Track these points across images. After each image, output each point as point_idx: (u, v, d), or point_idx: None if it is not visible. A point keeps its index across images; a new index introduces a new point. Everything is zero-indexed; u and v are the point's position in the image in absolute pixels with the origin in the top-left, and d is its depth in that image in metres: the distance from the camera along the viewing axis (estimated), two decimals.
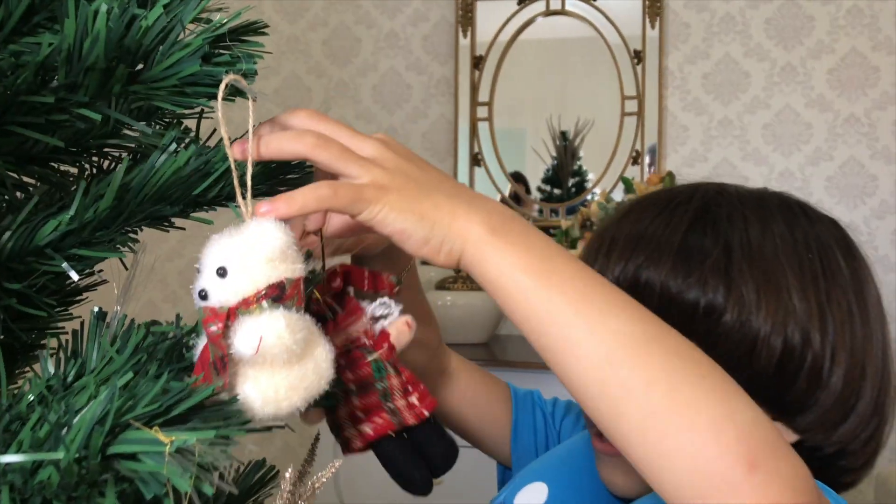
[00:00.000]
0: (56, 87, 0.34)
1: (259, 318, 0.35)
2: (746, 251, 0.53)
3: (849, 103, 2.02)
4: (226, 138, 0.37)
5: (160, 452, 0.27)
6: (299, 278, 0.37)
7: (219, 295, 0.35)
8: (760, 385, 0.52)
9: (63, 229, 0.36)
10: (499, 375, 1.80)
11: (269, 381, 0.35)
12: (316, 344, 0.37)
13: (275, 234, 0.36)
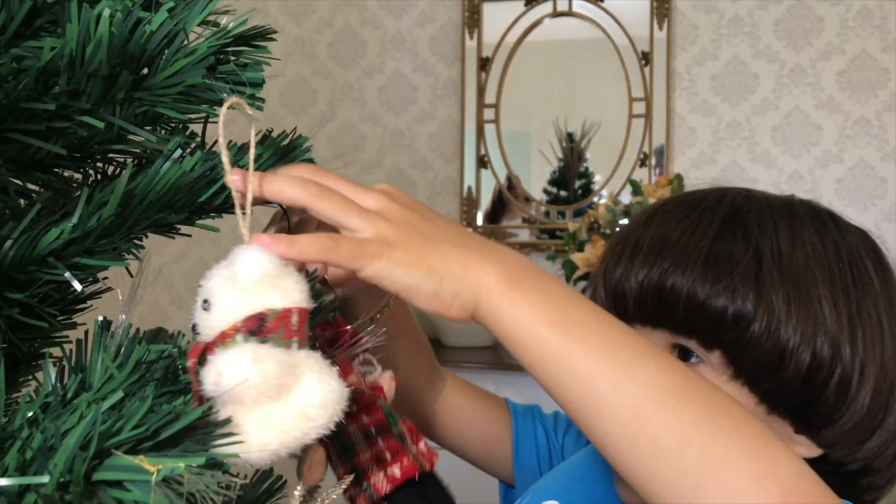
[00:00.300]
0: (58, 94, 0.33)
1: (224, 354, 0.33)
2: (777, 259, 0.52)
3: (859, 105, 2.00)
4: (226, 161, 0.36)
5: (147, 481, 0.26)
6: (287, 310, 0.34)
7: (204, 329, 0.34)
8: (787, 396, 0.51)
9: (66, 237, 0.36)
10: (505, 379, 1.79)
11: (241, 422, 0.33)
12: (307, 382, 0.34)
13: (256, 263, 0.33)
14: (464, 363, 1.82)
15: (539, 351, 0.39)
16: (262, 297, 0.33)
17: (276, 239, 0.36)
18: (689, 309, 0.52)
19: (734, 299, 0.51)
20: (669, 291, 0.52)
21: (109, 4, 0.31)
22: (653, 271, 0.53)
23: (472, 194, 2.24)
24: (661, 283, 0.53)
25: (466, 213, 2.24)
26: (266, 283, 0.33)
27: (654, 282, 0.53)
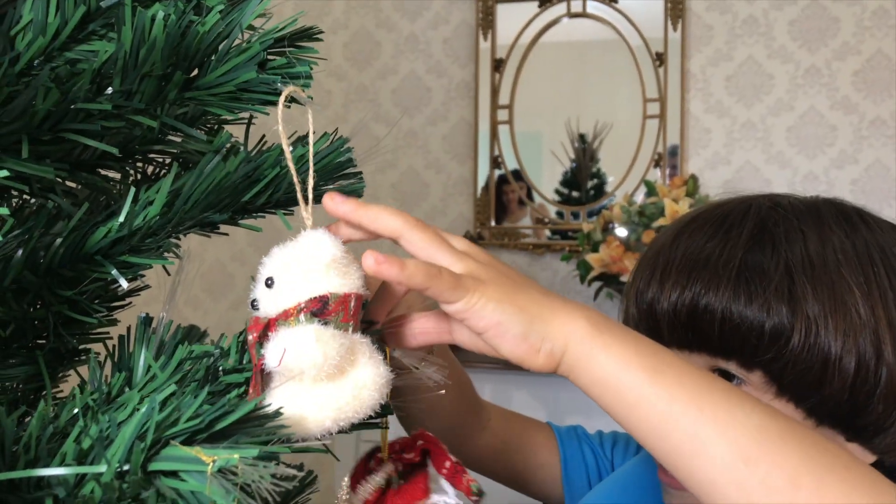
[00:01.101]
0: (112, 94, 0.34)
1: (290, 331, 0.34)
2: (808, 269, 0.51)
3: (874, 105, 2.00)
4: (286, 145, 0.37)
5: (202, 471, 0.27)
6: (347, 294, 0.36)
7: (266, 305, 0.35)
8: (834, 408, 0.51)
9: (113, 236, 0.36)
10: (517, 379, 1.80)
11: (297, 398, 0.34)
12: (361, 365, 0.36)
13: (324, 248, 0.35)
14: (478, 363, 1.82)
15: (632, 397, 0.39)
16: (327, 281, 0.34)
17: (389, 260, 0.36)
18: (725, 329, 0.51)
19: (770, 315, 0.50)
20: (703, 312, 0.52)
21: (163, 7, 0.32)
22: (685, 294, 0.53)
23: (486, 195, 2.24)
24: (695, 305, 0.52)
25: (480, 214, 2.24)
26: (334, 268, 0.35)
27: (686, 304, 0.53)
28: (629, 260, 1.79)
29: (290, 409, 0.34)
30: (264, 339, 0.35)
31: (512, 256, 2.25)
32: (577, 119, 2.17)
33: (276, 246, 0.36)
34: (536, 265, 2.24)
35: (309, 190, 0.37)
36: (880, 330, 0.51)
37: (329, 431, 0.36)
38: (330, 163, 0.40)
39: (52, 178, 0.41)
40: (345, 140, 0.42)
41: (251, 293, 0.36)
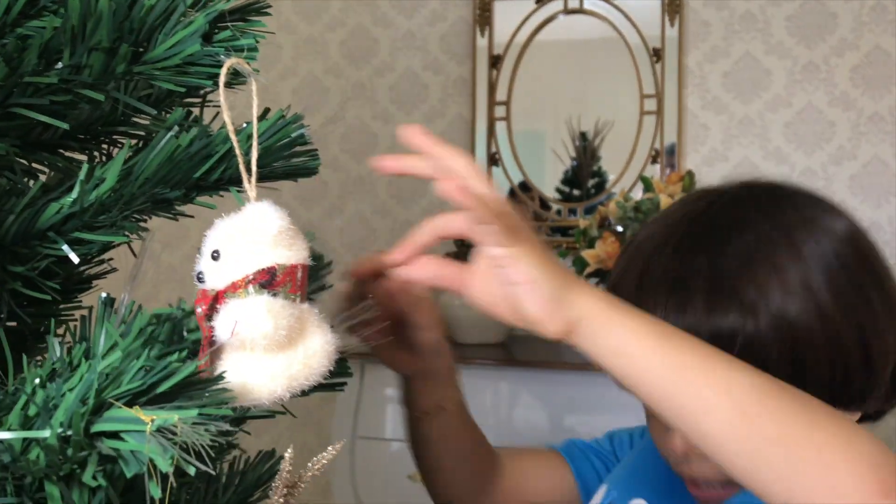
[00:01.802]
0: (61, 69, 0.34)
1: (240, 302, 0.35)
2: (743, 265, 0.54)
3: (872, 101, 1.99)
4: (227, 118, 0.37)
5: (142, 431, 0.27)
6: (294, 265, 0.36)
7: (212, 278, 0.35)
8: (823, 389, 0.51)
9: (66, 212, 0.36)
10: (515, 375, 1.79)
11: (249, 367, 0.35)
12: (309, 334, 0.37)
13: (270, 220, 0.36)
14: (476, 359, 1.82)
15: (646, 364, 0.42)
16: (274, 252, 0.35)
17: (465, 189, 0.40)
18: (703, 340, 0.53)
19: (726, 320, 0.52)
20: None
21: None
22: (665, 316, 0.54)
23: None
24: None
25: None
26: (280, 240, 0.35)
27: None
28: None
29: (243, 377, 0.35)
30: (213, 312, 0.35)
31: None
32: (577, 117, 2.17)
33: (218, 219, 0.36)
34: None
35: (252, 163, 0.37)
36: (828, 303, 0.53)
37: (282, 398, 0.36)
38: (281, 138, 0.40)
39: (10, 158, 0.41)
40: (299, 117, 0.41)
41: (195, 266, 0.36)
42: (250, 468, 0.56)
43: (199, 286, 0.36)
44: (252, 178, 0.37)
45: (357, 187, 2.34)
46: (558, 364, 1.78)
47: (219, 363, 0.36)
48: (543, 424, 1.78)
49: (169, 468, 0.27)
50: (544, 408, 1.79)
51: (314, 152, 0.44)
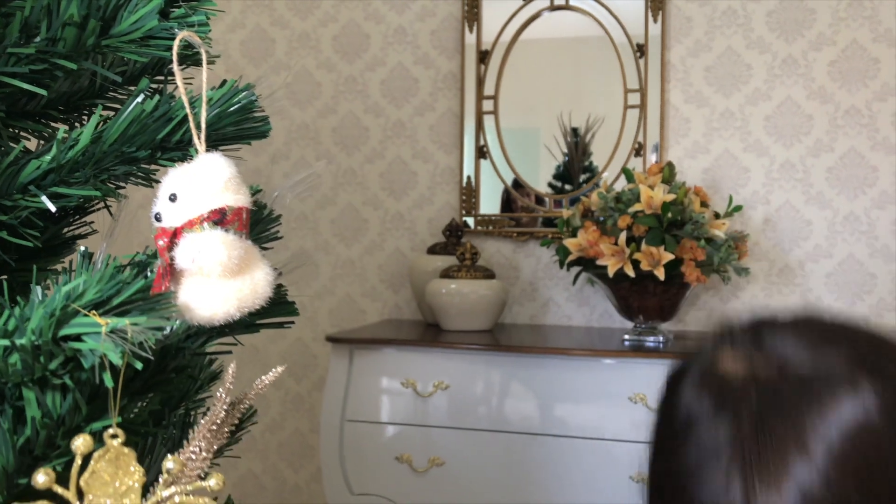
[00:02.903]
0: (39, 42, 0.39)
1: (198, 236, 0.40)
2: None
3: (849, 95, 2.04)
4: (181, 88, 0.42)
5: (98, 333, 0.33)
6: (241, 208, 0.42)
7: (169, 217, 0.41)
8: None
9: (45, 167, 0.42)
10: (502, 360, 1.85)
11: (205, 290, 0.41)
12: (256, 267, 0.42)
13: (220, 168, 0.41)
14: (462, 344, 1.88)
15: None
16: (224, 196, 0.41)
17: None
18: None
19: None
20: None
21: None
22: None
23: (472, 184, 2.29)
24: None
25: (466, 203, 2.29)
26: (230, 186, 0.41)
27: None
28: (604, 244, 1.84)
29: (200, 299, 0.40)
30: (172, 245, 0.41)
31: (497, 244, 2.30)
32: (568, 113, 2.22)
33: (170, 169, 0.42)
34: (521, 252, 2.29)
35: (202, 122, 0.42)
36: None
37: (232, 317, 0.42)
38: (232, 103, 0.45)
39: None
40: (249, 86, 0.47)
41: (153, 208, 0.42)
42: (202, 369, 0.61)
43: (156, 225, 0.42)
44: (202, 135, 0.42)
45: (348, 179, 2.39)
46: (542, 349, 1.83)
47: (179, 288, 0.42)
48: (529, 405, 1.83)
49: (119, 362, 0.32)
50: (527, 388, 1.84)
51: (265, 118, 0.49)
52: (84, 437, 0.35)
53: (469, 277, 2.03)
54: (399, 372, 1.89)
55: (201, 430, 0.44)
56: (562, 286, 2.24)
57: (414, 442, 1.88)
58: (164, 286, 0.41)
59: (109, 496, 0.36)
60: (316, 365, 2.42)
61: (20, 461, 0.35)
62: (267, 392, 2.55)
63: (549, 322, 2.26)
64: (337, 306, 2.42)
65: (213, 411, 0.44)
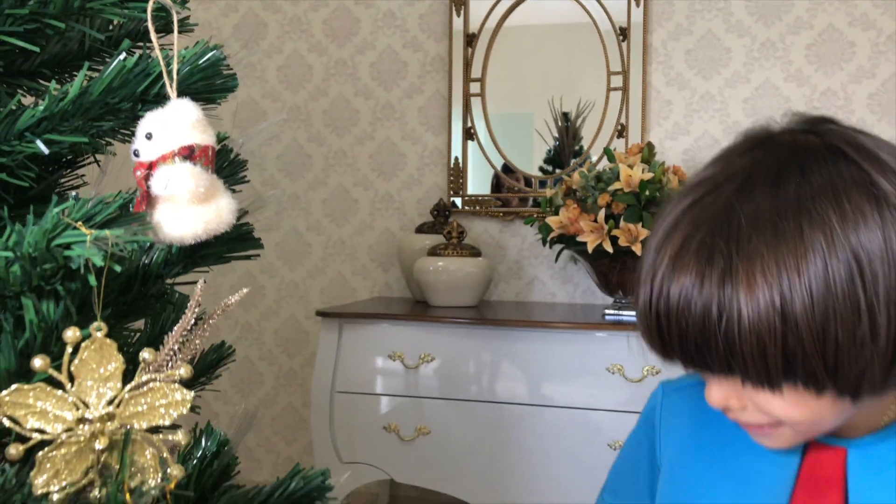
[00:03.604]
0: (32, 3, 0.45)
1: (170, 167, 0.47)
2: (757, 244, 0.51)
3: (826, 77, 2.09)
4: (156, 44, 0.48)
5: (84, 241, 0.39)
6: (207, 146, 0.49)
7: (146, 152, 0.47)
8: (822, 379, 0.51)
9: (39, 116, 0.48)
10: (487, 333, 1.91)
11: (176, 213, 0.47)
12: (220, 197, 0.49)
13: (189, 111, 0.48)
14: (449, 319, 1.94)
15: None
16: (192, 135, 0.47)
17: None
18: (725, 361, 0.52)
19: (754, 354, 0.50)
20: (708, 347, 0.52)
21: None
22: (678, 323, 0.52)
23: (459, 165, 2.35)
24: (694, 341, 0.52)
25: (453, 183, 2.35)
26: (198, 126, 0.47)
27: (688, 338, 0.53)
28: (584, 221, 1.90)
29: (171, 220, 0.47)
30: (149, 176, 0.47)
31: (484, 223, 2.36)
32: (559, 98, 2.27)
33: (149, 112, 0.48)
34: (507, 231, 2.35)
35: (174, 73, 0.49)
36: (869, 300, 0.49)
37: (199, 238, 0.49)
38: (202, 60, 0.51)
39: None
40: (218, 46, 0.53)
41: (132, 145, 0.48)
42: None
43: (135, 159, 0.49)
44: (174, 85, 0.48)
45: (339, 160, 2.45)
46: (526, 322, 1.90)
47: (154, 211, 0.48)
48: (512, 376, 1.89)
49: (102, 263, 0.39)
50: (510, 360, 1.91)
51: (233, 75, 0.55)
52: (74, 329, 0.42)
53: (455, 255, 2.09)
54: (387, 345, 1.96)
55: (174, 335, 0.50)
56: (546, 264, 2.31)
57: (401, 412, 1.95)
58: (141, 209, 0.47)
59: (95, 380, 0.43)
60: (308, 341, 2.49)
61: (20, 363, 0.42)
62: (261, 368, 2.61)
63: (533, 299, 2.32)
64: (328, 285, 2.48)
65: (184, 319, 0.50)
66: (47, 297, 0.43)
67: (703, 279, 0.52)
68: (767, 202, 0.53)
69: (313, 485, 0.54)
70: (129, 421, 0.44)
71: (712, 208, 0.55)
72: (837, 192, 0.53)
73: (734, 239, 0.52)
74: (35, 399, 0.41)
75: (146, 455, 0.45)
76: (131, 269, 0.53)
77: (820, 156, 0.55)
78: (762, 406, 0.55)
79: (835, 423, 0.57)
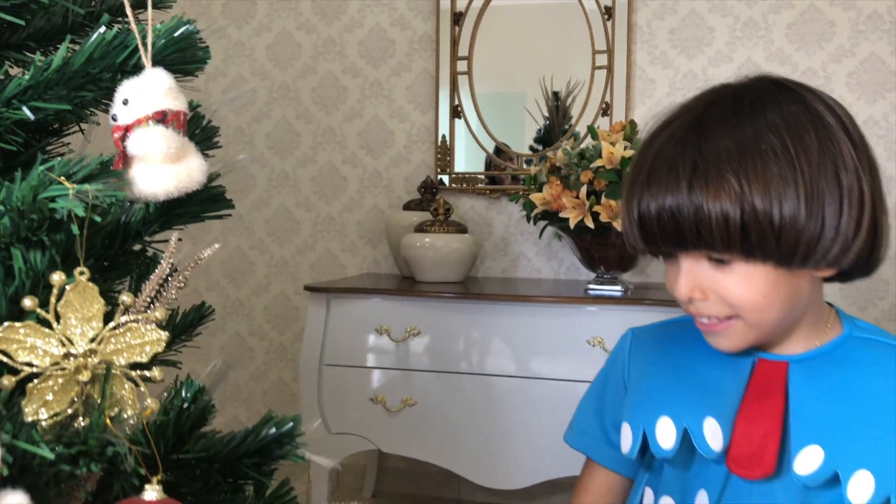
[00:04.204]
0: None
1: (145, 130, 0.51)
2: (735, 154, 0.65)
3: (807, 57, 2.13)
4: (131, 17, 0.52)
5: (67, 194, 0.43)
6: (178, 111, 0.53)
7: (123, 116, 0.51)
8: (790, 257, 0.64)
9: (24, 85, 0.51)
10: (473, 308, 1.95)
11: (150, 172, 0.51)
12: (192, 157, 0.53)
13: (162, 80, 0.51)
14: (433, 293, 1.98)
15: None
16: (165, 101, 0.51)
17: None
18: (697, 229, 0.65)
19: (719, 204, 0.63)
20: (680, 222, 0.65)
21: None
22: (657, 204, 0.65)
23: (447, 143, 2.38)
24: (671, 215, 0.65)
25: (441, 161, 2.38)
26: (170, 93, 0.51)
27: (665, 213, 0.65)
28: (567, 197, 1.94)
29: (146, 178, 0.51)
30: (125, 138, 0.51)
31: (471, 201, 2.39)
32: (550, 77, 2.29)
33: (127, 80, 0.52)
34: (493, 209, 2.39)
35: (148, 43, 0.52)
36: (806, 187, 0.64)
37: (171, 195, 0.53)
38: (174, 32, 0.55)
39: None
40: (191, 20, 0.56)
41: (111, 110, 0.52)
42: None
43: (113, 123, 0.52)
44: (149, 53, 0.52)
45: (328, 138, 2.48)
46: (510, 297, 1.94)
47: (131, 170, 0.52)
48: (496, 349, 1.94)
49: (82, 213, 0.43)
50: (494, 334, 1.95)
51: (206, 48, 0.58)
52: (59, 274, 0.46)
53: (442, 231, 2.13)
54: (374, 320, 2.00)
55: (150, 282, 0.54)
56: (532, 241, 2.35)
57: (388, 384, 2.00)
58: (119, 168, 0.51)
59: (79, 320, 0.47)
60: (297, 317, 2.53)
61: (10, 308, 0.46)
62: (251, 343, 2.64)
63: (519, 275, 2.37)
64: (317, 261, 2.52)
65: (160, 268, 0.54)
66: (34, 247, 0.47)
67: (675, 186, 0.65)
68: (726, 118, 0.67)
69: (284, 430, 0.59)
70: (110, 357, 0.48)
71: (678, 131, 0.69)
72: (782, 108, 0.67)
73: (696, 149, 0.65)
74: (25, 335, 0.46)
75: (125, 388, 0.49)
76: (112, 226, 0.57)
77: (770, 87, 0.70)
78: (720, 290, 0.68)
79: (777, 322, 0.70)
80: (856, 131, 0.69)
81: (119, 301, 0.49)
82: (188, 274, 0.56)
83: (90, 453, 0.43)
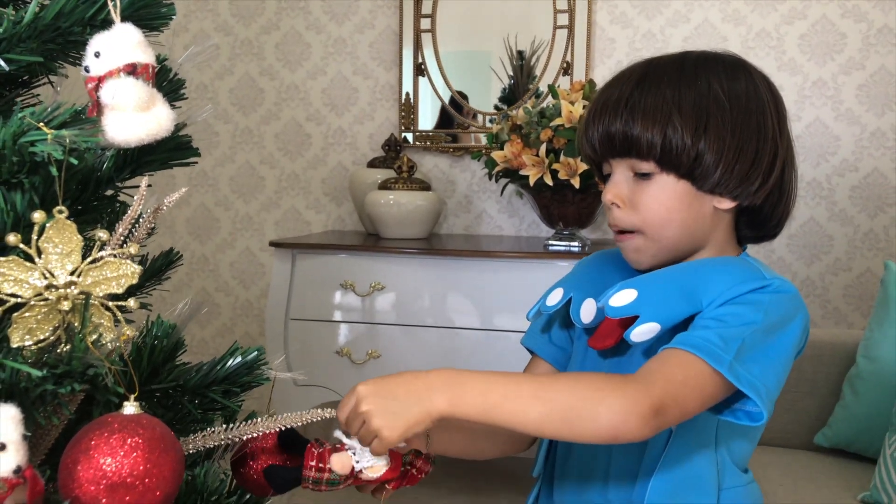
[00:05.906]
0: None
1: (116, 81, 0.54)
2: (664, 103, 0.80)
3: (760, 18, 2.19)
4: None
5: (46, 138, 0.46)
6: (147, 64, 0.56)
7: (95, 68, 0.55)
8: (698, 175, 0.79)
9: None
10: (434, 263, 2.01)
11: (122, 120, 0.55)
12: (159, 106, 0.57)
13: (131, 34, 0.55)
14: (400, 249, 2.03)
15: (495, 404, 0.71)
16: (135, 54, 0.54)
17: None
18: (626, 144, 0.81)
19: (644, 131, 0.79)
20: (613, 137, 0.81)
21: None
22: (603, 125, 0.82)
23: (411, 101, 2.41)
24: (609, 132, 0.81)
25: (405, 118, 2.41)
26: (139, 47, 0.55)
27: (605, 131, 0.82)
28: (527, 155, 1.99)
29: (118, 125, 0.54)
30: (99, 88, 0.55)
31: (435, 159, 2.43)
32: (514, 36, 2.32)
33: (98, 34, 0.55)
34: (457, 167, 2.43)
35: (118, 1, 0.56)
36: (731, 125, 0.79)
37: (142, 141, 0.56)
38: None
39: None
40: None
41: (83, 62, 0.56)
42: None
43: (85, 75, 0.56)
44: (117, 11, 0.55)
45: (291, 94, 2.48)
46: (473, 252, 2.00)
47: (103, 118, 0.56)
48: (458, 303, 2.00)
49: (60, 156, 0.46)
50: (456, 288, 2.01)
51: (171, 5, 0.61)
52: (40, 212, 0.50)
53: (406, 189, 2.17)
54: (339, 275, 2.04)
55: (124, 222, 0.58)
56: (494, 199, 2.40)
57: (354, 338, 2.05)
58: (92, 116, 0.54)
59: (59, 255, 0.51)
60: (263, 273, 2.56)
61: None
62: (218, 300, 2.67)
63: (482, 232, 2.42)
64: (282, 218, 2.55)
65: (132, 209, 0.58)
66: (14, 189, 0.50)
67: (615, 115, 0.80)
68: (667, 67, 0.83)
69: (249, 359, 0.63)
70: (89, 289, 0.53)
71: (624, 76, 0.85)
72: (720, 61, 0.83)
73: (637, 86, 0.81)
74: (9, 269, 0.50)
75: (103, 317, 0.53)
76: (86, 171, 0.60)
77: (713, 54, 0.85)
78: (636, 199, 0.81)
79: (675, 239, 0.82)
80: (781, 106, 0.84)
81: (96, 237, 0.53)
82: (158, 214, 0.60)
83: (73, 374, 0.48)
